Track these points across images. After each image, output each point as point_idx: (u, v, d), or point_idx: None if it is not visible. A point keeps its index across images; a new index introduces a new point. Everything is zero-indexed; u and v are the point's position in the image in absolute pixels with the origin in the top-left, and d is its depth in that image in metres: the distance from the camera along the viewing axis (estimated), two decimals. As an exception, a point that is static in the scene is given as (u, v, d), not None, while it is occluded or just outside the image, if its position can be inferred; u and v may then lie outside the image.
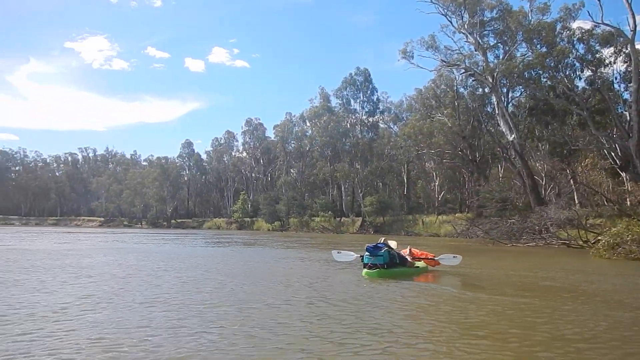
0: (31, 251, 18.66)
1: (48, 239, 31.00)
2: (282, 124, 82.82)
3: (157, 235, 43.46)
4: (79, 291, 8.80)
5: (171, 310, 7.17)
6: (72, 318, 6.49)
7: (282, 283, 10.50)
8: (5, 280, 10.00)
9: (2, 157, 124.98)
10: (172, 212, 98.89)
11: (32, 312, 6.79)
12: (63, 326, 5.99)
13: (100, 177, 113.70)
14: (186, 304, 7.73)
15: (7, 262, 13.87)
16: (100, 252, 19.20)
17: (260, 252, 22.28)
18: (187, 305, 7.57)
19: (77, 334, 5.66)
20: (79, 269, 12.50)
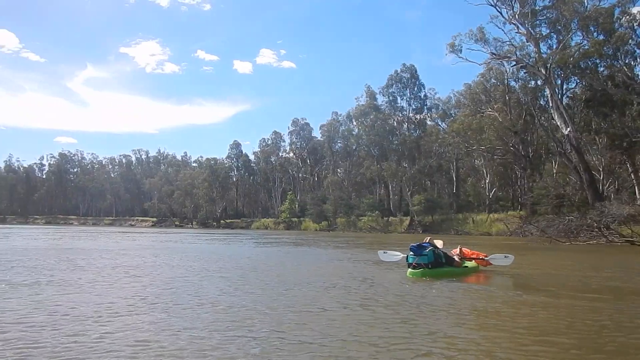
0: (85, 250, 18.98)
1: (102, 239, 31.73)
2: (328, 123, 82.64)
3: (207, 235, 43.96)
4: (128, 292, 8.62)
5: (220, 312, 6.86)
6: (118, 320, 6.28)
7: (329, 284, 10.02)
8: (58, 280, 9.97)
9: (62, 160, 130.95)
10: (222, 213, 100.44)
11: (80, 313, 6.62)
12: (109, 328, 5.79)
13: (152, 178, 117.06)
14: (235, 306, 7.37)
15: (60, 261, 14.04)
16: (151, 252, 19.33)
17: (308, 253, 21.96)
18: (237, 308, 7.22)
19: (122, 336, 5.46)
20: (130, 269, 12.44)
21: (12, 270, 11.23)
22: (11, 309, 6.71)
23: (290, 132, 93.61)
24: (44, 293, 8.19)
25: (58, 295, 8.04)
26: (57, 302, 7.39)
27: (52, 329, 5.66)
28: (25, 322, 5.92)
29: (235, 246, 26.55)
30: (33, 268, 11.81)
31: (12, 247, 19.59)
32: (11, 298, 7.61)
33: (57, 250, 18.61)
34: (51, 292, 8.29)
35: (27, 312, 6.53)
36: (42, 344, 5.05)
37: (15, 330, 5.55)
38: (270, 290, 9.17)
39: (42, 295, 7.99)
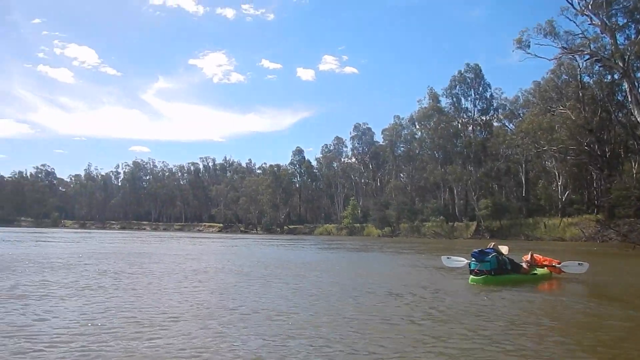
0: (156, 255, 19.22)
1: (172, 244, 32.44)
2: (390, 127, 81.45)
3: (270, 241, 44.22)
4: (190, 297, 8.41)
5: (279, 321, 6.49)
6: (177, 325, 6.06)
7: (392, 292, 9.42)
8: (126, 285, 9.89)
9: (135, 168, 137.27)
10: (285, 218, 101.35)
11: (140, 318, 6.44)
12: (166, 333, 5.63)
13: (219, 185, 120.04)
14: (297, 314, 6.97)
15: (131, 266, 14.10)
16: (217, 257, 19.43)
17: (370, 259, 21.38)
18: (298, 317, 6.80)
19: (177, 343, 5.24)
20: (196, 274, 12.34)
21: (81, 274, 11.37)
22: (77, 312, 6.68)
23: (352, 137, 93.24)
24: (113, 297, 8.15)
25: (124, 299, 7.95)
26: (123, 306, 7.26)
27: (113, 334, 5.51)
28: (89, 326, 5.85)
29: (298, 252, 26.33)
30: (105, 272, 11.92)
31: (92, 251, 20.21)
32: (77, 301, 7.56)
33: (130, 255, 18.94)
34: (119, 296, 8.24)
35: (91, 316, 6.42)
36: (102, 349, 4.93)
37: (78, 334, 5.46)
38: (332, 298, 8.66)
39: (110, 299, 7.93)
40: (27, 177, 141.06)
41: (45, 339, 5.13)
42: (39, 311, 6.58)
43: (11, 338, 5.11)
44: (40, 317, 6.21)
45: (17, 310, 6.58)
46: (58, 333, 5.41)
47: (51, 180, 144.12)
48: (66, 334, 5.39)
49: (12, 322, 5.81)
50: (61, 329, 5.62)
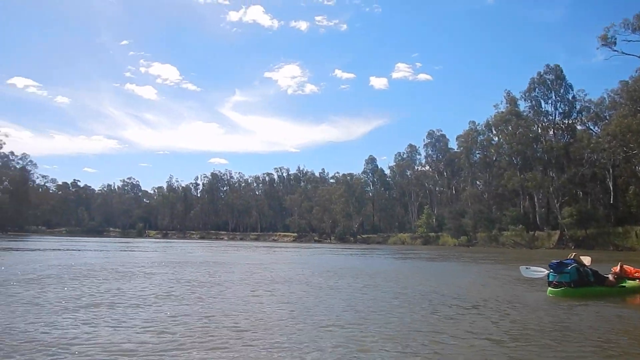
0: (230, 264, 19.71)
1: (246, 253, 33.16)
2: (465, 133, 79.29)
3: (344, 250, 44.19)
4: (259, 307, 8.48)
5: (349, 332, 6.35)
6: (246, 336, 6.07)
7: (468, 304, 9.12)
8: (199, 294, 10.11)
9: (214, 179, 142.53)
10: (358, 228, 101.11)
11: (211, 327, 6.52)
12: (235, 343, 5.67)
13: (293, 195, 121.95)
14: (367, 326, 6.77)
15: (207, 275, 14.38)
16: (290, 266, 19.65)
17: (445, 269, 20.87)
18: (368, 329, 6.58)
19: (247, 353, 5.29)
20: (268, 283, 12.56)
21: (157, 283, 11.87)
22: (149, 320, 6.85)
23: (425, 145, 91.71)
24: (184, 305, 8.33)
25: (196, 308, 8.07)
26: (195, 315, 7.40)
27: (184, 345, 5.52)
28: (161, 336, 5.87)
29: (371, 261, 26.14)
30: (179, 281, 12.36)
31: (170, 260, 21.09)
32: (149, 309, 7.77)
33: (206, 264, 19.54)
34: (190, 304, 8.42)
35: (165, 326, 6.48)
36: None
37: (150, 343, 5.52)
38: (403, 310, 8.40)
39: (182, 307, 8.10)
40: (115, 190, 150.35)
41: (114, 349, 5.20)
42: (108, 319, 6.74)
43: (77, 347, 5.21)
44: (110, 325, 6.37)
45: (86, 318, 6.76)
46: (130, 340, 5.54)
47: (136, 193, 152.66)
48: (135, 341, 5.51)
49: (81, 332, 5.93)
50: (133, 336, 5.74)
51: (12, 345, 5.03)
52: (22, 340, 5.24)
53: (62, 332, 5.64)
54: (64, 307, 7.26)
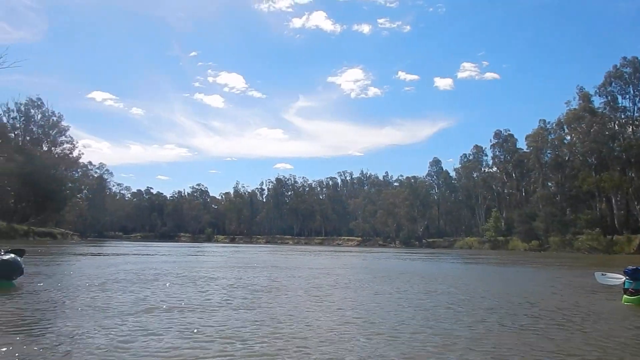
0: (295, 269, 19.48)
1: (310, 257, 32.84)
2: (535, 132, 75.91)
3: (408, 254, 43.19)
4: (322, 314, 8.09)
5: (406, 341, 6.01)
6: (309, 343, 5.77)
7: (537, 314, 8.46)
8: (263, 299, 9.69)
9: (278, 184, 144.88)
10: (423, 231, 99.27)
11: (277, 335, 6.20)
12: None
13: (356, 199, 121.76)
14: (431, 339, 6.26)
15: (271, 279, 14.06)
16: (354, 271, 19.32)
17: (514, 275, 19.92)
18: (427, 338, 6.21)
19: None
20: (331, 288, 12.24)
21: (222, 287, 11.78)
22: (219, 325, 6.67)
23: (492, 146, 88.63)
24: (247, 310, 8.07)
25: (262, 312, 7.83)
26: (258, 321, 7.12)
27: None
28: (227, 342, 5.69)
29: (438, 266, 25.28)
30: (243, 286, 12.17)
31: (235, 265, 21.39)
32: (217, 315, 7.50)
33: (270, 268, 19.51)
34: (253, 309, 8.16)
35: (232, 332, 6.30)
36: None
37: (202, 353, 5.26)
38: (467, 318, 7.81)
39: (244, 312, 7.88)
40: (185, 196, 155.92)
41: (175, 354, 5.08)
42: (175, 323, 6.64)
43: (137, 353, 5.11)
44: (176, 330, 6.21)
45: (150, 322, 6.65)
46: (193, 346, 5.39)
47: (205, 199, 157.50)
48: (198, 347, 5.36)
49: (144, 337, 5.81)
50: (203, 342, 5.59)
51: (77, 349, 5.04)
52: (82, 344, 5.24)
53: (123, 337, 5.62)
54: (129, 311, 7.26)
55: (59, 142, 68.91)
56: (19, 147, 60.54)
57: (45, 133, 67.69)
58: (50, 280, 10.85)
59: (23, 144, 63.04)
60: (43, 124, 67.27)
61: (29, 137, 66.24)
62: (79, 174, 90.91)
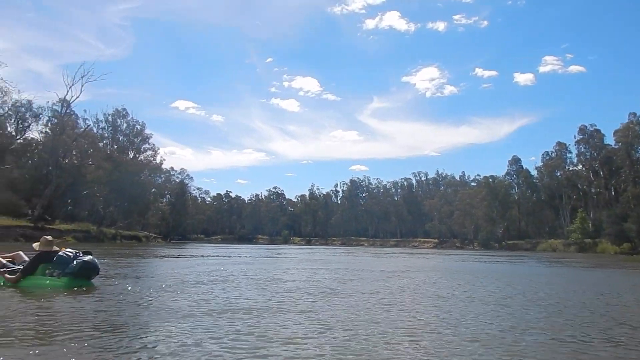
0: (371, 271, 19.30)
1: (385, 259, 32.41)
2: (624, 127, 71.16)
3: (486, 257, 41.59)
4: (398, 317, 7.68)
5: (487, 349, 5.55)
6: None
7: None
8: (343, 305, 9.36)
9: (352, 186, 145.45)
10: (503, 233, 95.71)
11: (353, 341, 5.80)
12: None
13: (432, 200, 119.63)
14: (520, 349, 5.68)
15: (350, 281, 13.76)
16: (433, 274, 18.80)
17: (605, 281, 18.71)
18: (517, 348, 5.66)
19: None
20: (405, 291, 11.57)
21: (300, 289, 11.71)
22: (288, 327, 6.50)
23: (577, 142, 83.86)
24: (319, 313, 7.84)
25: (342, 316, 7.38)
26: (336, 327, 6.26)
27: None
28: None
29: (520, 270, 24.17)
30: (323, 290, 11.96)
31: (313, 267, 21.55)
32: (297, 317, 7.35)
33: (343, 270, 19.55)
34: (328, 312, 7.80)
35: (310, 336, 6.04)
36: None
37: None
38: (562, 332, 6.85)
39: (317, 315, 7.66)
40: (262, 199, 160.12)
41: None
42: (259, 325, 6.51)
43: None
44: (255, 333, 6.03)
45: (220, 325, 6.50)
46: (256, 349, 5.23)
47: (281, 201, 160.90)
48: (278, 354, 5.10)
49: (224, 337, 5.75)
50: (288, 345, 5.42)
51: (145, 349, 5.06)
52: (151, 344, 5.26)
53: (190, 339, 5.55)
54: (200, 313, 7.32)
55: (143, 150, 72.78)
56: (107, 155, 64.70)
57: (130, 141, 71.80)
58: (127, 281, 11.34)
59: (111, 152, 67.24)
60: (128, 133, 71.45)
61: (116, 145, 70.56)
62: (162, 180, 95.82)
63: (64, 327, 5.80)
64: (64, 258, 9.30)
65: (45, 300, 7.92)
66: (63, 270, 9.21)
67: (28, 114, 53.88)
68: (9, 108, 51.04)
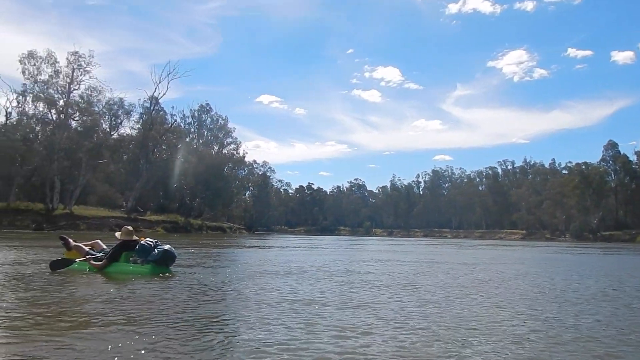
0: (466, 264, 18.12)
1: (470, 252, 31.02)
2: None
3: (580, 249, 38.63)
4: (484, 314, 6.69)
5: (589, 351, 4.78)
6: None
7: None
8: (436, 308, 7.92)
9: (435, 176, 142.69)
10: (598, 224, 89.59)
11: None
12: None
13: (519, 189, 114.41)
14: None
15: (435, 275, 12.97)
16: (537, 266, 17.52)
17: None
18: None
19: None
20: (512, 290, 10.45)
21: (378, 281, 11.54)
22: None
23: (683, 123, 76.72)
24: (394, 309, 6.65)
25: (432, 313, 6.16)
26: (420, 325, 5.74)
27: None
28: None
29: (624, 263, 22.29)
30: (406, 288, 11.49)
31: (395, 259, 21.30)
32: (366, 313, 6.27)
33: (427, 263, 18.98)
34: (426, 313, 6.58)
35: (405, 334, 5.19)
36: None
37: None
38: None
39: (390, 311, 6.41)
40: (344, 191, 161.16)
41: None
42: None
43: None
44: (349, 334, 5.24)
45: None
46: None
47: (362, 193, 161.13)
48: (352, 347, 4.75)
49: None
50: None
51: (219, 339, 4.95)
52: (226, 333, 5.18)
53: (263, 329, 5.37)
54: (274, 302, 7.10)
55: (226, 143, 75.46)
56: (193, 149, 67.98)
57: (214, 135, 74.77)
58: (207, 270, 11.58)
59: (197, 146, 70.56)
60: (212, 127, 74.48)
61: (201, 140, 73.86)
62: (245, 172, 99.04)
63: (155, 312, 6.00)
64: (146, 247, 9.91)
65: (133, 286, 8.32)
66: (146, 257, 9.82)
67: (120, 111, 57.60)
68: (102, 106, 54.80)
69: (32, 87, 48.83)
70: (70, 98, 50.43)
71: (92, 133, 52.05)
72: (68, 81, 50.14)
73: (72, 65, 49.97)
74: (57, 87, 50.07)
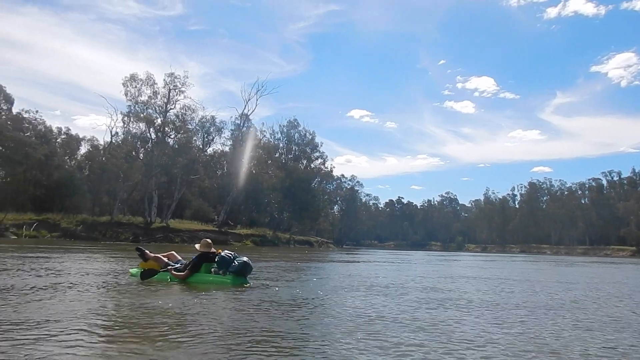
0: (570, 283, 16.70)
1: (587, 268, 28.34)
2: None
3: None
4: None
5: None
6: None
7: None
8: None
9: (531, 189, 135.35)
10: None
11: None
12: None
13: (627, 202, 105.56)
14: None
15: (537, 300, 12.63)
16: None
17: None
18: None
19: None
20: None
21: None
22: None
23: None
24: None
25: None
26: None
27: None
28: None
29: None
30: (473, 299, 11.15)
31: (491, 276, 20.40)
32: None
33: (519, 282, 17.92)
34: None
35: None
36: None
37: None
38: None
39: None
40: (435, 205, 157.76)
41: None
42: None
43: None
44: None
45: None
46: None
47: (454, 207, 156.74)
48: None
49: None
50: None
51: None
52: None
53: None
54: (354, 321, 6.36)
55: (314, 158, 76.87)
56: (282, 164, 70.15)
57: (302, 150, 76.51)
58: (281, 282, 11.73)
59: (286, 161, 72.71)
60: (300, 142, 76.36)
61: (290, 154, 75.94)
62: (334, 187, 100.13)
63: (245, 324, 5.91)
64: (226, 259, 10.39)
65: (221, 297, 8.59)
66: (227, 268, 10.28)
67: (212, 128, 60.79)
68: (196, 124, 58.27)
69: (134, 107, 52.93)
70: (166, 117, 54.10)
71: (187, 150, 55.24)
72: (165, 101, 53.83)
73: (168, 86, 53.65)
74: (156, 107, 53.86)
